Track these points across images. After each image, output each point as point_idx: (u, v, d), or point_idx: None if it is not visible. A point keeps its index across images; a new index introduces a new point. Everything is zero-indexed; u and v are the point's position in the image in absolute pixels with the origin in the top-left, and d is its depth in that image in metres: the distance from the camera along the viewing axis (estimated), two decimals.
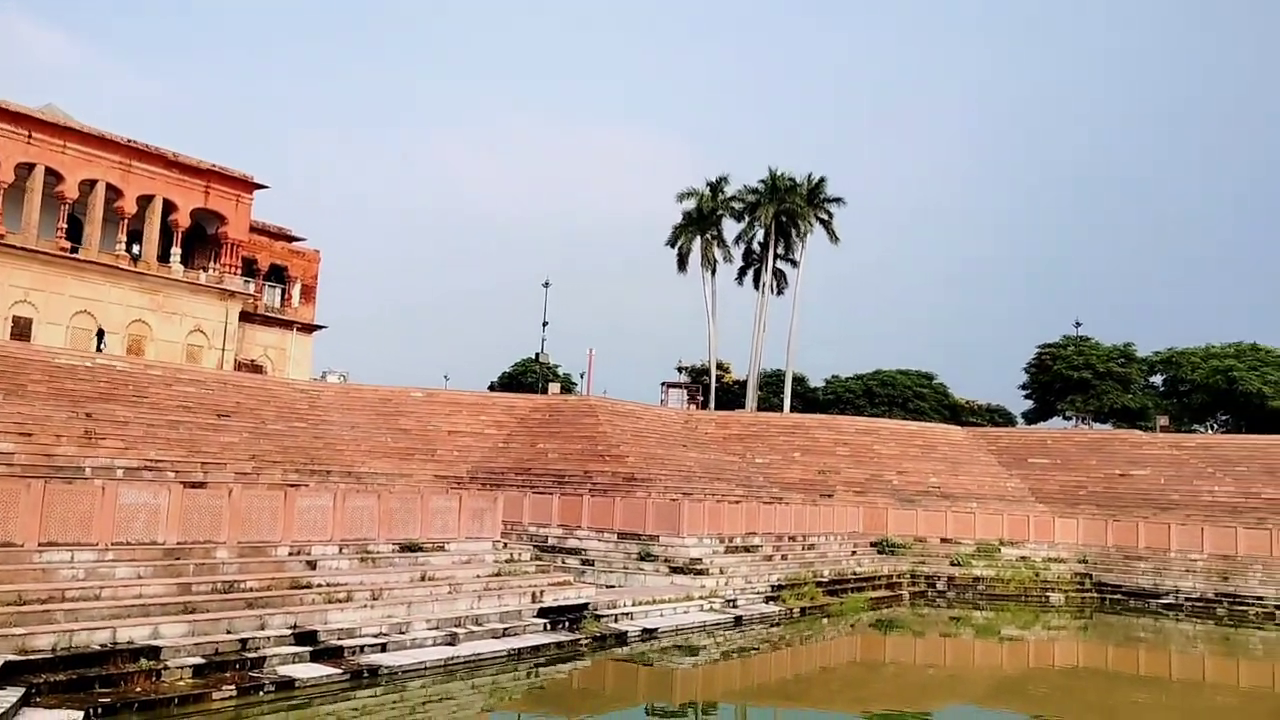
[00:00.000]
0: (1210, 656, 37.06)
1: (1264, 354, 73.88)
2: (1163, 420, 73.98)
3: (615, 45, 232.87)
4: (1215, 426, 76.93)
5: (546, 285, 75.53)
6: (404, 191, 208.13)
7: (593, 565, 36.71)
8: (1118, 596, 47.64)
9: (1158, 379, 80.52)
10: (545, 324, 74.84)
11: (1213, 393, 73.01)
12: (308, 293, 62.47)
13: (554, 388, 74.98)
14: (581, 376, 79.01)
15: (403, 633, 23.58)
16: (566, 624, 27.35)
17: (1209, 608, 45.40)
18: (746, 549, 39.98)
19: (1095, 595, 48.03)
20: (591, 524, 38.92)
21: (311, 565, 24.26)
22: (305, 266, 62.85)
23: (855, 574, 44.09)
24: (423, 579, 26.04)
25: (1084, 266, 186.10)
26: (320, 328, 62.76)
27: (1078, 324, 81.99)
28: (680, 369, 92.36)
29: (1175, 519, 51.44)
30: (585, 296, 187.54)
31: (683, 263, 78.10)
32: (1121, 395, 76.72)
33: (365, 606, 23.62)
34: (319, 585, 23.62)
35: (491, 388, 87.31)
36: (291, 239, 63.71)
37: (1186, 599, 46.31)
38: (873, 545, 49.23)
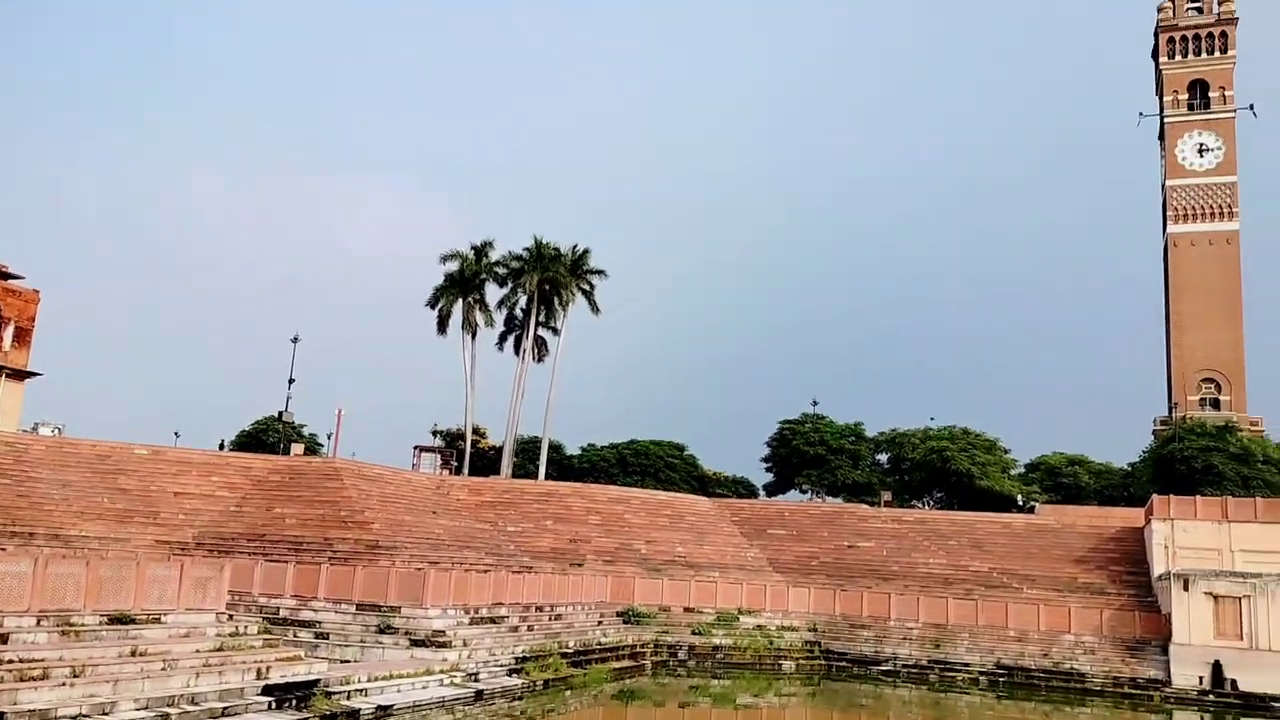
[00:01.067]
0: None
1: (973, 438, 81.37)
2: (886, 496, 79.70)
3: (386, 99, 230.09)
4: (931, 502, 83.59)
5: (295, 340, 72.23)
6: (146, 234, 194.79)
7: (328, 639, 34.84)
8: (843, 664, 50.31)
9: (883, 456, 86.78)
10: (291, 381, 71.39)
11: (930, 471, 79.48)
12: (22, 336, 56.53)
13: (297, 448, 71.35)
14: (329, 438, 75.81)
15: (106, 713, 21.37)
16: (294, 702, 25.69)
17: (923, 674, 48.78)
18: (493, 620, 39.27)
19: (823, 662, 50.50)
20: (329, 595, 37.03)
21: (2, 639, 21.62)
22: (20, 307, 56.95)
23: (601, 644, 44.23)
24: (134, 654, 23.79)
25: (827, 347, 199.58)
26: (34, 374, 56.90)
27: (815, 403, 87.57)
28: (435, 433, 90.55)
29: (895, 589, 55.19)
30: (339, 354, 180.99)
31: (443, 325, 77.13)
32: (852, 471, 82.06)
33: (63, 685, 21.28)
34: (9, 661, 21.08)
35: (221, 446, 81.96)
36: (6, 275, 57.70)
37: (904, 665, 49.57)
38: (619, 615, 49.66)
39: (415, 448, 78.91)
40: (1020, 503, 79.43)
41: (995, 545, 61.96)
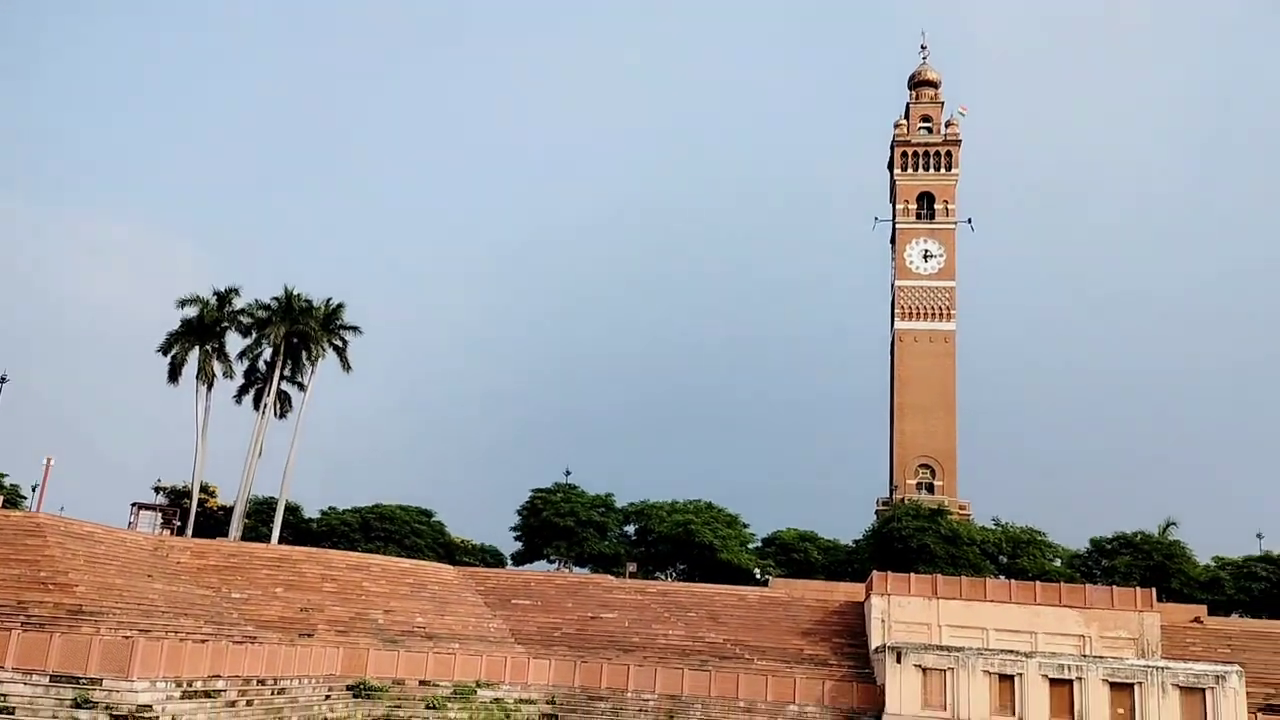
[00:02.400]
0: None
1: (716, 512, 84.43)
2: (631, 567, 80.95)
3: (137, 136, 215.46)
4: (675, 574, 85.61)
5: (2, 380, 65.17)
6: None
7: (13, 714, 31.07)
8: None
9: (631, 528, 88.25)
10: None
11: (675, 543, 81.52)
12: None
13: None
14: (34, 490, 68.42)
15: None
16: None
17: None
18: (207, 694, 36.37)
19: None
20: (19, 664, 33.15)
21: None
22: None
23: None
24: None
25: (580, 417, 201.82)
26: None
27: (568, 472, 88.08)
28: (158, 489, 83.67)
29: (635, 660, 55.78)
30: (54, 400, 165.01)
31: (175, 373, 71.93)
32: (600, 542, 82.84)
33: None
34: None
35: None
36: None
37: None
38: (350, 689, 47.28)
39: (133, 505, 72.74)
40: (757, 576, 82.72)
41: (731, 617, 64.07)
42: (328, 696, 44.70)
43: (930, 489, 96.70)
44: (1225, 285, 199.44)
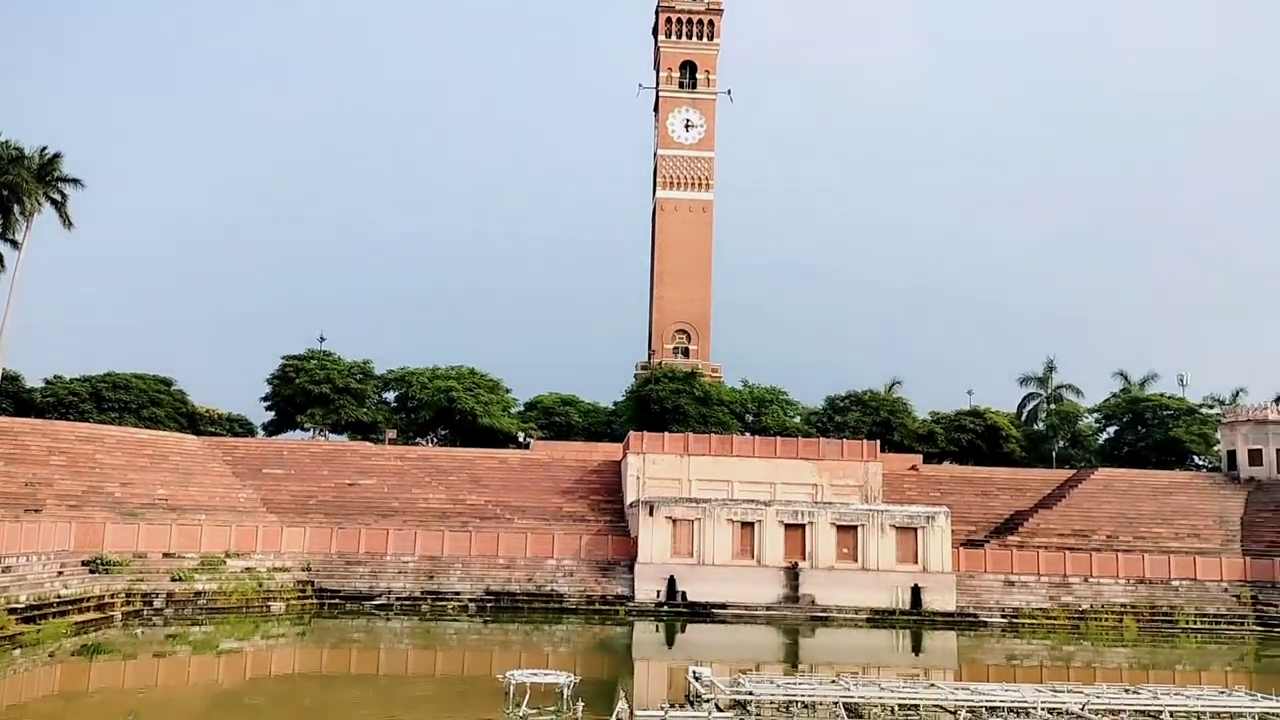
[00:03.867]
0: (413, 650, 40.73)
1: (479, 378, 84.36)
2: (391, 434, 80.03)
3: None
4: (437, 440, 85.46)
5: None
6: None
7: None
8: (336, 601, 49.95)
9: (391, 395, 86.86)
10: None
11: (436, 409, 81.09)
12: None
13: None
14: None
15: None
16: None
17: (416, 605, 50.03)
18: None
19: (316, 601, 49.72)
20: None
21: None
22: None
23: (60, 597, 39.53)
24: None
25: (332, 282, 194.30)
26: None
27: (322, 339, 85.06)
28: None
29: (395, 525, 55.77)
30: None
31: None
32: (358, 410, 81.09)
33: None
34: None
35: None
36: None
37: (398, 599, 50.43)
38: (85, 564, 44.59)
39: None
40: (521, 439, 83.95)
41: (492, 479, 65.02)
42: (60, 572, 42.02)
43: (686, 353, 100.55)
44: (960, 164, 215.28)
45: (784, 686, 27.75)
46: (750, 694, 26.43)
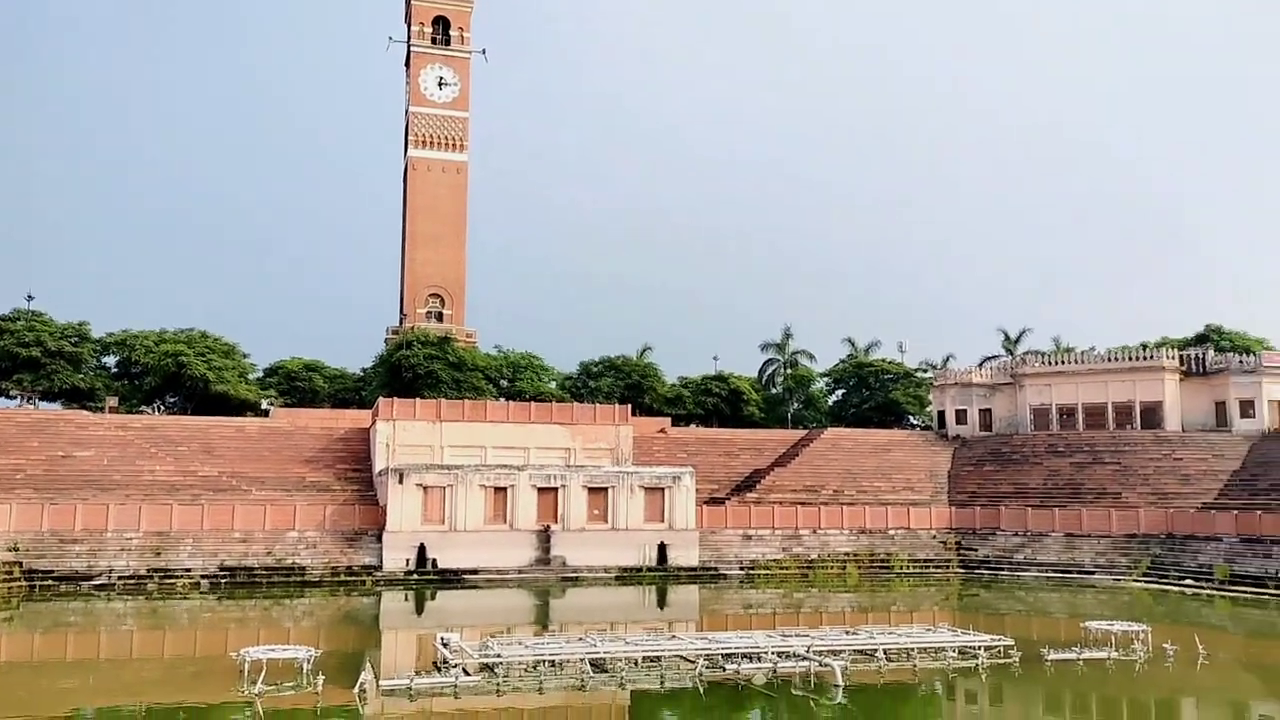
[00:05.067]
0: (139, 632, 37.93)
1: (212, 342, 79.12)
2: (112, 401, 73.80)
3: None
4: (165, 408, 79.59)
5: None
6: None
7: None
8: (50, 582, 45.78)
9: (111, 360, 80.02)
10: None
11: (164, 375, 75.43)
12: None
13: None
14: None
15: None
16: None
17: (141, 584, 46.63)
18: None
19: (25, 584, 45.37)
20: None
21: None
22: None
23: None
24: None
25: (43, 235, 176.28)
26: None
27: (30, 298, 77.09)
28: None
29: (116, 499, 51.58)
30: None
31: None
32: (73, 375, 74.17)
33: None
34: None
35: None
36: None
37: (120, 578, 46.80)
38: None
39: None
40: (261, 407, 79.69)
41: (228, 449, 61.43)
42: None
43: (440, 317, 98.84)
44: (736, 124, 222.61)
45: (532, 647, 28.07)
46: (498, 657, 26.54)
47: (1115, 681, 26.75)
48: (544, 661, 26.75)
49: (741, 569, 55.26)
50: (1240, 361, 68.58)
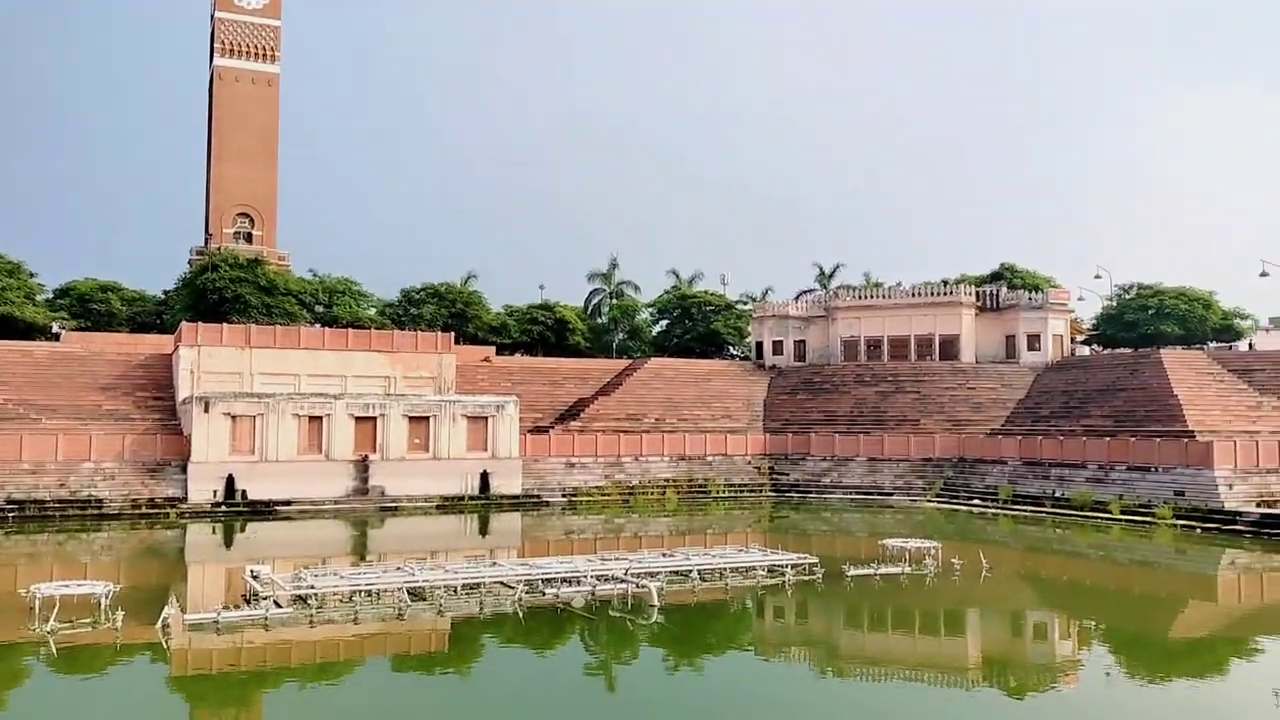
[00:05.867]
0: None
1: None
2: None
3: None
4: None
5: None
6: None
7: None
8: None
9: None
10: None
11: None
12: None
13: None
14: None
15: None
16: None
17: None
18: None
19: None
20: None
21: None
22: None
23: None
24: None
25: None
26: None
27: None
28: None
29: None
30: None
31: None
32: None
33: None
34: None
35: None
36: None
37: None
38: None
39: None
40: (51, 330, 74.00)
41: (14, 375, 56.94)
42: None
43: (249, 238, 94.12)
44: (579, 47, 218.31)
45: (348, 578, 27.59)
46: (312, 588, 25.95)
47: (908, 594, 28.70)
48: (360, 592, 26.35)
49: (564, 496, 55.87)
50: (1029, 298, 73.73)
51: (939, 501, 54.72)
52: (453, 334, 67.87)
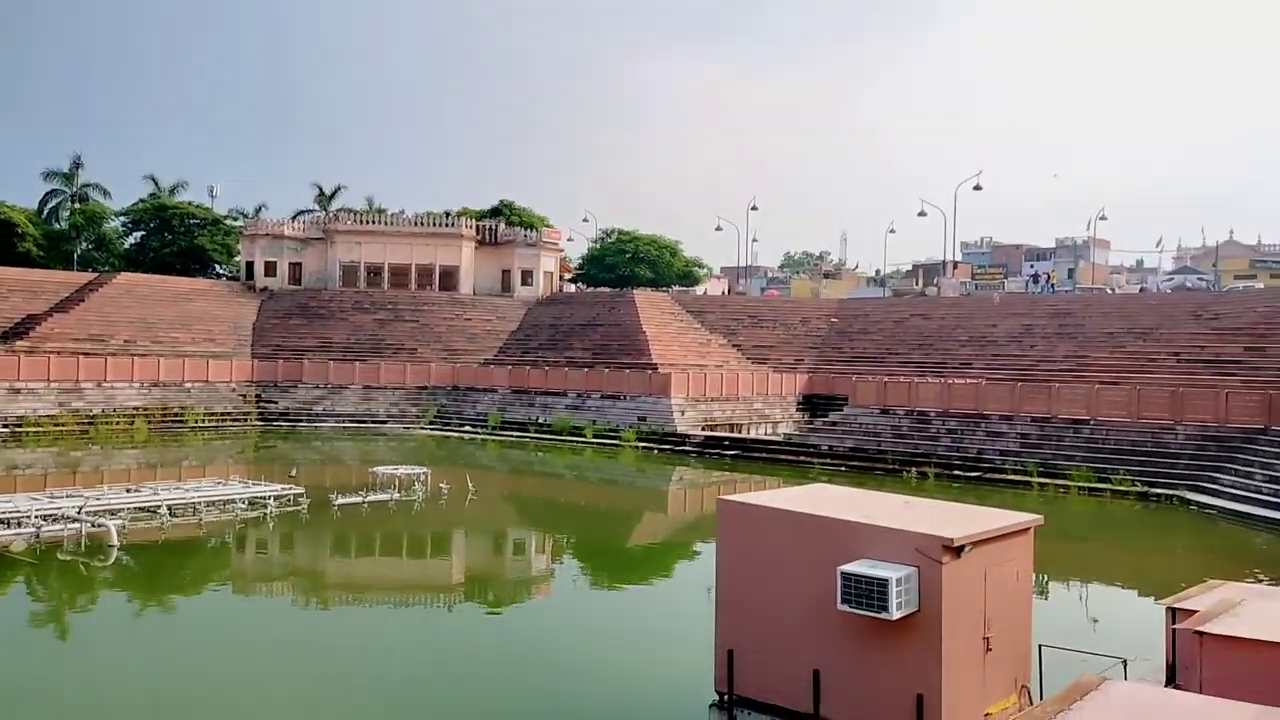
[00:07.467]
0: None
1: None
2: None
3: None
4: None
5: None
6: None
7: None
8: None
9: None
10: None
11: None
12: None
13: None
14: None
15: None
16: None
17: None
18: None
19: None
20: None
21: None
22: None
23: None
24: None
25: None
26: None
27: None
28: None
29: None
30: None
31: None
32: None
33: None
34: None
35: None
36: None
37: None
38: None
39: None
40: None
41: None
42: None
43: None
44: None
45: None
46: None
47: (396, 520, 28.89)
48: None
49: (7, 427, 48.34)
50: (525, 235, 77.34)
51: (432, 428, 55.79)
52: None
